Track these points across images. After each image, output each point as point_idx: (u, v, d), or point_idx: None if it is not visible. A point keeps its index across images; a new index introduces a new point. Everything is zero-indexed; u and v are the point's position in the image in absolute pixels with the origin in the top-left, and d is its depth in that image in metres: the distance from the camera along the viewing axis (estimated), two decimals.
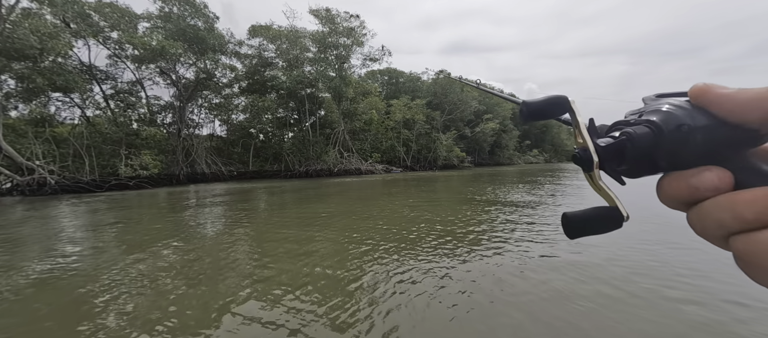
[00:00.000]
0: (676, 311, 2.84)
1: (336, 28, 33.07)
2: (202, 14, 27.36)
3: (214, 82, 28.55)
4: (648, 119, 0.29)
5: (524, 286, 3.45)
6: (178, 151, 25.36)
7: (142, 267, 4.50)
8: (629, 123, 0.30)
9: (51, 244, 6.10)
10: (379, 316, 2.93)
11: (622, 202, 0.30)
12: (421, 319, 2.84)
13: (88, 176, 19.15)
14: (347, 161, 32.66)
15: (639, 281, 3.49)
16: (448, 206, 9.63)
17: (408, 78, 53.41)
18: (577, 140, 0.31)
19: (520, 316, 2.82)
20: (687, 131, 0.27)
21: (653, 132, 0.28)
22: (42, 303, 3.43)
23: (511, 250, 4.79)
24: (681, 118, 0.27)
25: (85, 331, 2.80)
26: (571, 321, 2.70)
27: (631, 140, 0.29)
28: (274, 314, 3.02)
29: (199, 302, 3.31)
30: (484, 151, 54.84)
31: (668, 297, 3.09)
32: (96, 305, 3.32)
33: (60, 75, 18.11)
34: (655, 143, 0.28)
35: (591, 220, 0.30)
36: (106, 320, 3.00)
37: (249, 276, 4.03)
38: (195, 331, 2.76)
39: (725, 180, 0.25)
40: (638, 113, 0.31)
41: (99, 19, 23.56)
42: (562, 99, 0.32)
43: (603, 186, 0.30)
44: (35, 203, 13.55)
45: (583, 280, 3.54)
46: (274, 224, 7.55)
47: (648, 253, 4.43)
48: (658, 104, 0.29)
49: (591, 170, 0.29)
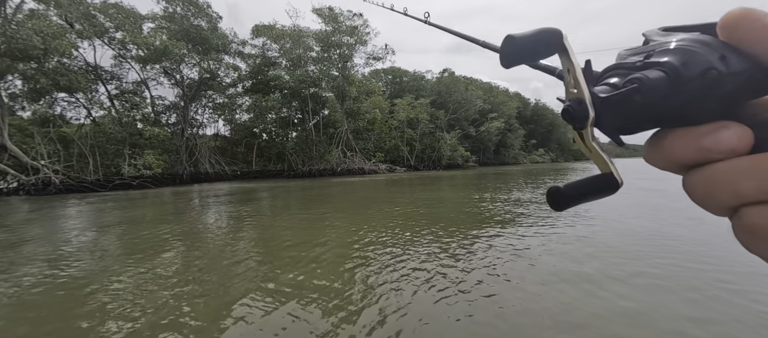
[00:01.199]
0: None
1: (339, 26, 32.93)
2: (206, 14, 27.41)
3: (217, 82, 28.57)
4: (660, 60, 0.23)
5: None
6: (181, 151, 25.42)
7: (146, 267, 4.42)
8: (635, 67, 0.24)
9: (56, 244, 6.05)
10: (389, 318, 2.80)
11: (615, 166, 0.25)
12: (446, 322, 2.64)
13: (92, 175, 19.25)
14: (350, 161, 32.51)
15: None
16: (452, 206, 9.39)
17: (412, 77, 53.14)
18: (570, 90, 0.25)
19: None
20: (715, 78, 0.21)
21: (669, 78, 0.22)
22: (45, 304, 3.37)
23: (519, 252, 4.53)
24: (708, 60, 0.21)
25: (88, 333, 2.77)
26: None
27: (640, 90, 0.22)
28: (283, 318, 2.92)
29: (206, 305, 3.23)
30: (489, 150, 54.33)
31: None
32: (99, 306, 3.27)
33: (63, 75, 18.19)
34: (668, 93, 0.22)
35: (584, 189, 0.26)
36: (110, 321, 2.95)
37: (254, 278, 3.92)
38: (201, 335, 2.70)
39: (746, 140, 0.21)
40: (644, 54, 0.25)
41: (105, 20, 23.73)
42: (555, 33, 0.25)
43: (595, 147, 0.25)
44: (40, 203, 13.62)
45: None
46: (278, 225, 7.40)
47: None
48: (671, 40, 0.23)
49: (584, 127, 0.24)
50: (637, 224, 6.08)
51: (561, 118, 0.25)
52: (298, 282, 3.72)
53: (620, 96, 0.23)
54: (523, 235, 5.50)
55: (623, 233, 5.44)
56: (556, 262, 4.06)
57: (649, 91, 0.22)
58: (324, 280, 3.76)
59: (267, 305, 3.17)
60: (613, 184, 0.25)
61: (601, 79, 0.26)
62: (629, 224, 6.09)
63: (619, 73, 0.25)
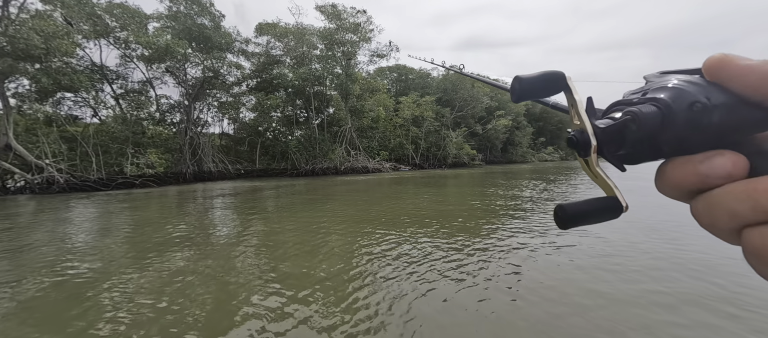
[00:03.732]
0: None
1: (342, 24, 32.54)
2: (208, 12, 27.37)
3: (220, 81, 28.53)
4: (654, 96, 0.26)
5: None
6: (185, 149, 25.47)
7: (151, 267, 4.45)
8: (632, 103, 0.27)
9: (61, 244, 6.05)
10: (397, 317, 2.84)
11: (620, 190, 0.27)
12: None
13: (95, 174, 19.35)
14: (354, 159, 32.17)
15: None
16: (457, 205, 8.96)
17: (418, 74, 52.47)
18: (574, 122, 0.29)
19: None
20: (700, 109, 0.24)
21: (661, 111, 0.25)
22: (50, 304, 3.40)
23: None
24: (694, 95, 0.24)
25: (94, 332, 2.82)
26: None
27: (635, 121, 0.25)
28: (288, 320, 2.94)
29: (213, 305, 3.25)
30: (497, 148, 53.27)
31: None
32: (104, 305, 3.31)
33: (65, 75, 18.26)
34: (662, 125, 0.25)
35: (588, 210, 0.28)
36: (115, 321, 2.99)
37: (259, 277, 3.94)
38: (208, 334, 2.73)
39: (740, 166, 0.23)
40: (642, 92, 0.28)
41: (110, 20, 23.86)
42: (559, 75, 0.29)
43: (600, 173, 0.27)
44: (45, 202, 13.69)
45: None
46: (281, 226, 7.21)
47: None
48: (665, 81, 0.26)
49: (588, 154, 0.27)
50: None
51: (569, 118, 0.27)
52: (304, 283, 3.71)
53: (618, 126, 0.26)
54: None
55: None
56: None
57: (642, 122, 0.25)
58: (330, 283, 3.69)
59: (273, 304, 3.19)
60: (617, 207, 0.27)
61: (606, 114, 0.29)
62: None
63: (620, 108, 0.28)
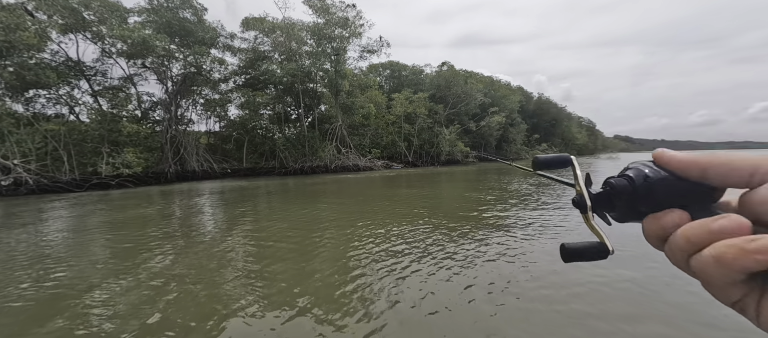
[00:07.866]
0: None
1: (331, 18, 31.66)
2: (191, 5, 26.37)
3: (203, 77, 27.53)
4: (625, 174, 0.37)
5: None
6: (166, 148, 24.52)
7: (130, 273, 4.26)
8: (613, 178, 0.38)
9: (33, 252, 5.55)
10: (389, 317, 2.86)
11: (609, 239, 0.37)
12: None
13: (67, 175, 18.39)
14: (345, 157, 31.41)
15: None
16: (448, 202, 8.33)
17: (411, 71, 51.75)
18: (577, 189, 0.39)
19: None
20: (651, 182, 0.34)
21: (629, 183, 0.36)
22: (31, 314, 3.23)
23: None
24: (646, 173, 0.35)
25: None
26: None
27: (612, 189, 0.37)
28: (275, 320, 2.89)
29: (196, 308, 3.17)
30: (491, 145, 52.76)
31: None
32: (89, 313, 3.17)
33: (30, 70, 17.23)
34: (632, 192, 0.35)
35: (583, 251, 0.37)
36: (101, 327, 2.88)
37: (245, 283, 3.77)
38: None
39: (684, 218, 0.32)
40: (623, 170, 0.39)
41: (87, 14, 22.80)
42: (567, 158, 0.41)
43: (594, 225, 0.38)
44: (11, 205, 12.75)
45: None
46: (267, 227, 6.68)
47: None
48: (635, 164, 0.38)
49: (586, 212, 0.38)
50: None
51: (563, 114, 0.34)
52: (292, 284, 3.64)
53: (604, 193, 0.38)
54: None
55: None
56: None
57: (617, 192, 0.36)
58: (318, 289, 3.55)
59: (258, 310, 3.08)
60: (605, 250, 0.37)
61: (604, 185, 0.39)
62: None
63: (607, 182, 0.39)
